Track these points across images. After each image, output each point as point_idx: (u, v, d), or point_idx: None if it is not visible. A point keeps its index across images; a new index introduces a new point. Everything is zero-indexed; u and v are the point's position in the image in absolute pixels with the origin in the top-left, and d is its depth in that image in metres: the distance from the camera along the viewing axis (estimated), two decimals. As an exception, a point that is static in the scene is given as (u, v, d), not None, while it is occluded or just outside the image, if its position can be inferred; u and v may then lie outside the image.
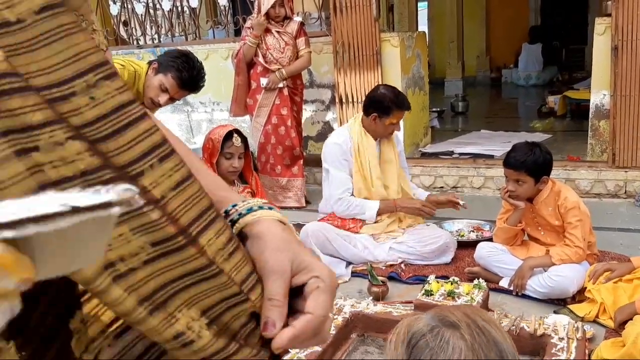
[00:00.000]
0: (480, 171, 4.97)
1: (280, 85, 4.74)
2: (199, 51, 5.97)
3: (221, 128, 3.30)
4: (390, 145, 3.68)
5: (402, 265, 3.46)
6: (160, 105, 3.04)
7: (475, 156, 5.32)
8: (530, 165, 2.92)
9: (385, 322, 2.61)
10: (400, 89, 5.09)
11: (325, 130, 5.64)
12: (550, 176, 2.99)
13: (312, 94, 5.51)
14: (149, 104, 3.04)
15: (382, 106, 3.50)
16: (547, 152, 2.98)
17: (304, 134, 5.23)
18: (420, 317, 0.95)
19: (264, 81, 4.72)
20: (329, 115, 5.60)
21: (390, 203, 3.55)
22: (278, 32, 4.72)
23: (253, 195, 3.49)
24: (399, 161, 3.73)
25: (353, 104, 5.25)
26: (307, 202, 4.98)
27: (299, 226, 3.67)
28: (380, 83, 5.10)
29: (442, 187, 5.11)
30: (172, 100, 3.05)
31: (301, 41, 4.80)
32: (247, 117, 5.11)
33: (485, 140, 5.98)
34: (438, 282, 2.68)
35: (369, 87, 5.13)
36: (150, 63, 3.04)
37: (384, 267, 3.44)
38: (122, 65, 2.95)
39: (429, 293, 2.60)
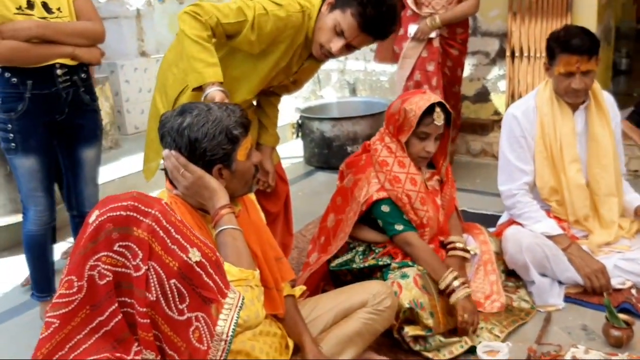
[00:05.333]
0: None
1: (432, 35, 3.76)
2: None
3: (419, 96, 2.38)
4: (601, 115, 2.66)
5: (633, 292, 2.53)
6: (332, 56, 2.19)
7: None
8: None
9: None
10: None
11: (486, 90, 4.66)
12: None
13: (474, 44, 4.49)
14: (317, 53, 2.20)
15: (547, 48, 2.60)
16: None
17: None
18: None
19: (411, 29, 3.75)
20: (494, 72, 4.59)
21: (566, 241, 2.57)
22: (436, -36, 3.71)
23: (441, 183, 2.61)
24: (614, 141, 2.70)
25: (529, 59, 4.23)
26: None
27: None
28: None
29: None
30: (348, 48, 2.17)
31: (469, -21, 3.77)
32: (392, 73, 4.22)
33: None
34: None
35: (552, 39, 4.08)
36: None
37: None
38: (279, 4, 2.11)
39: None
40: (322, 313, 2.10)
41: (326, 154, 4.49)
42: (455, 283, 2.26)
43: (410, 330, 2.22)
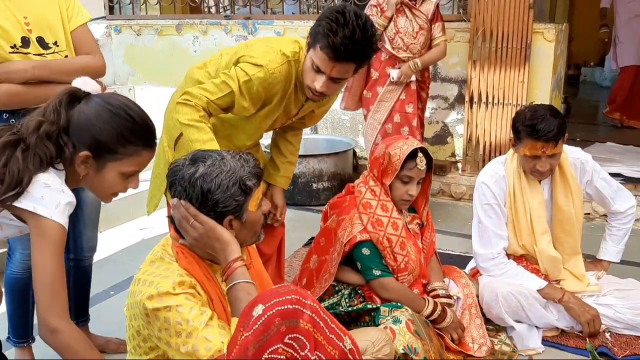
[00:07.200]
0: (642, 200, 4.12)
1: (412, 78, 3.90)
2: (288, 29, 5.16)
3: (403, 141, 2.47)
4: (565, 185, 2.70)
5: (607, 335, 2.65)
6: (321, 95, 2.13)
7: (627, 180, 4.45)
8: None
9: None
10: (547, 92, 4.28)
11: (445, 133, 4.82)
12: None
13: (434, 89, 4.66)
14: (309, 95, 2.18)
15: (514, 128, 2.62)
16: None
17: (418, 135, 4.38)
18: None
19: (393, 73, 3.85)
20: (452, 116, 4.77)
21: (558, 292, 2.65)
22: (412, 12, 3.86)
23: (421, 227, 2.68)
24: (579, 208, 2.73)
25: (487, 106, 4.41)
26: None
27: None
28: (525, 82, 4.27)
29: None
30: (334, 81, 2.08)
31: (437, 27, 3.92)
32: (354, 112, 4.29)
33: (621, 157, 5.09)
34: None
35: (509, 87, 4.32)
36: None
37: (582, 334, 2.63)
38: (259, 64, 2.09)
39: None
40: (322, 360, 2.09)
41: (291, 190, 4.50)
42: (437, 313, 2.44)
43: (404, 376, 2.24)
